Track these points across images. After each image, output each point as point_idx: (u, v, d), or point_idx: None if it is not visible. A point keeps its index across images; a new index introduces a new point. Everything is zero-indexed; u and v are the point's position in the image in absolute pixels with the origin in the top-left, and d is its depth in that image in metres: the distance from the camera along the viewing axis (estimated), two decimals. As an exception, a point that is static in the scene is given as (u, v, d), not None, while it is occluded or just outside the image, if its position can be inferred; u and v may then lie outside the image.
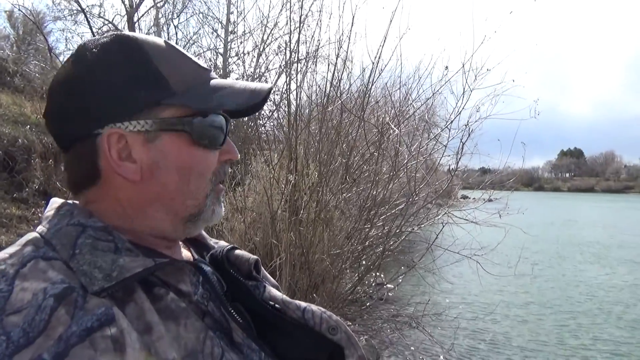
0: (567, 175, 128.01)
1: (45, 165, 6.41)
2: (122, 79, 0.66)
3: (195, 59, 0.74)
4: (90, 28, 9.00)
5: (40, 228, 0.65)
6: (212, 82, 0.71)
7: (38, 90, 8.32)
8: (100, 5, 9.46)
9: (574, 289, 8.40)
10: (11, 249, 0.61)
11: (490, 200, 5.53)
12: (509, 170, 6.13)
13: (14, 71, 9.56)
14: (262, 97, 0.72)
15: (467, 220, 5.36)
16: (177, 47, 0.73)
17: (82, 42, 0.71)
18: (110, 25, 9.59)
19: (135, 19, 9.58)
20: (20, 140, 6.56)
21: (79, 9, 9.07)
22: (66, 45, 9.98)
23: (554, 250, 12.65)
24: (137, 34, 0.71)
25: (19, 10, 8.67)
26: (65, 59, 0.73)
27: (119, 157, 0.66)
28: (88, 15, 9.01)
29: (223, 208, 0.75)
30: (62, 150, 0.71)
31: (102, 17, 9.54)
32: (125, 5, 9.54)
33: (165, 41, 0.71)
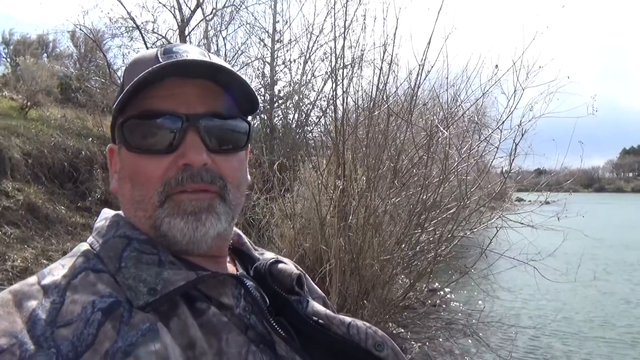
0: (631, 174, 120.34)
1: (106, 175, 6.75)
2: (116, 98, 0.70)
3: (181, 53, 0.68)
4: (145, 43, 9.44)
5: (90, 239, 0.68)
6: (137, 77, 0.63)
7: (99, 105, 8.80)
8: (154, 22, 9.91)
9: (641, 296, 7.87)
10: (64, 260, 0.63)
11: (547, 203, 5.27)
12: (567, 170, 5.86)
13: (76, 87, 10.16)
14: (144, 78, 0.62)
15: (522, 223, 5.15)
16: (168, 47, 0.70)
17: None
18: (163, 40, 10.01)
19: (187, 32, 9.94)
20: (83, 152, 6.96)
21: (135, 25, 9.54)
22: (123, 60, 10.50)
23: (618, 255, 11.90)
24: (143, 51, 0.73)
25: (81, 30, 9.23)
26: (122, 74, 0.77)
27: (114, 170, 0.72)
28: (143, 32, 9.45)
29: (200, 221, 0.65)
30: None
31: (155, 33, 9.98)
32: (176, 20, 9.94)
33: (163, 47, 0.70)
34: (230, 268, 0.76)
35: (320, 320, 0.72)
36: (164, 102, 0.65)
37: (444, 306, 6.26)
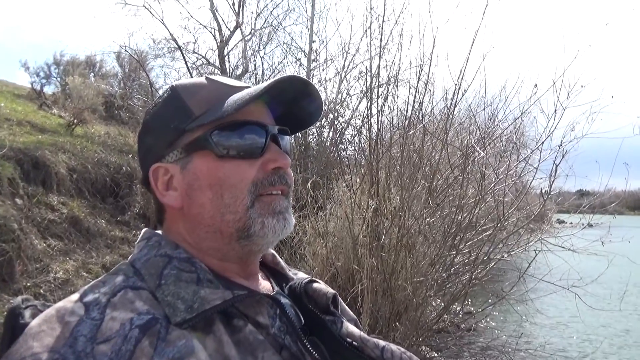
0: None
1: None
2: (160, 120, 0.74)
3: (232, 82, 0.75)
4: (186, 63, 9.75)
5: (132, 257, 0.71)
6: (233, 96, 0.70)
7: (140, 122, 9.10)
8: (195, 42, 10.24)
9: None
10: (105, 277, 0.66)
11: (590, 225, 5.06)
12: (611, 192, 5.61)
13: (119, 105, 10.58)
14: (259, 95, 0.68)
15: (563, 247, 4.95)
16: (215, 77, 0.76)
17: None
18: (203, 59, 10.32)
19: (225, 52, 10.23)
20: (124, 167, 7.19)
21: (176, 46, 9.88)
22: (165, 80, 10.88)
23: (668, 283, 11.23)
24: (185, 80, 0.77)
25: (126, 51, 9.63)
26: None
27: (165, 188, 0.73)
28: (184, 52, 9.78)
29: (286, 220, 0.72)
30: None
31: (196, 53, 10.31)
32: (216, 40, 10.25)
33: (206, 77, 0.76)
34: (266, 285, 0.78)
35: (354, 342, 0.73)
36: (248, 115, 0.71)
37: (479, 331, 6.06)
